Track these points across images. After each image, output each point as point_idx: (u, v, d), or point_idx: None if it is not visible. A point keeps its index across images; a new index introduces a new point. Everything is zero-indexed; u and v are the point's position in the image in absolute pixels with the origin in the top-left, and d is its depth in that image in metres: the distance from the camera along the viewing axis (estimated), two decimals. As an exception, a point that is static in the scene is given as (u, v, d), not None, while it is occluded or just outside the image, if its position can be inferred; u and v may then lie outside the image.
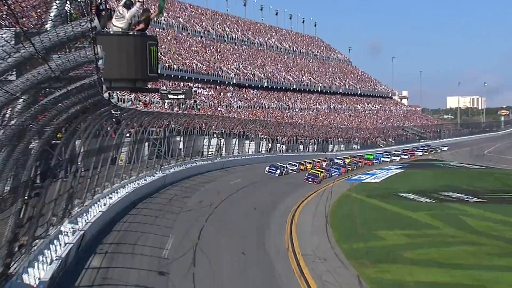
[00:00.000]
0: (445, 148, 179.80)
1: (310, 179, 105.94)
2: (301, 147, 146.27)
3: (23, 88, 16.74)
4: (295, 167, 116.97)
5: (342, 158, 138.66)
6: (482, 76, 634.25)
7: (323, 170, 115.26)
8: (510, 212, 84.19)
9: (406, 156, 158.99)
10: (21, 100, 18.87)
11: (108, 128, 51.97)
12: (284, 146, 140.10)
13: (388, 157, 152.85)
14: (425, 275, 51.48)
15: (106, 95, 26.49)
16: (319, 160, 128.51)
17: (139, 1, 14.26)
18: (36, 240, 32.52)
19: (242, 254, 51.68)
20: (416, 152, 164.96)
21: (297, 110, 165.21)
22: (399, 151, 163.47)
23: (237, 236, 57.88)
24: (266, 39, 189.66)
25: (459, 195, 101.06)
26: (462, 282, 50.01)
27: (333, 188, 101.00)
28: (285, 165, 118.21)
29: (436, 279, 50.45)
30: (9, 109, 19.43)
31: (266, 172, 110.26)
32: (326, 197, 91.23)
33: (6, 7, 12.40)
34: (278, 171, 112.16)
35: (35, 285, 27.92)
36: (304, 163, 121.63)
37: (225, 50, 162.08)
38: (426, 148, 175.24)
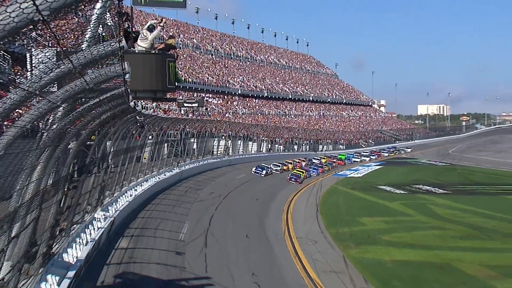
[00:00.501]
0: (409, 150, 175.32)
1: (293, 179, 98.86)
2: (295, 147, 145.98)
3: (63, 98, 16.86)
4: (278, 168, 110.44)
5: (319, 158, 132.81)
6: (447, 87, 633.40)
7: (304, 171, 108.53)
8: (470, 202, 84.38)
9: (374, 157, 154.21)
10: (61, 108, 19.00)
11: (134, 132, 52.06)
12: (281, 147, 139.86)
13: (358, 158, 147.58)
14: (400, 255, 51.72)
15: (131, 103, 26.64)
16: (299, 160, 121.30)
17: (160, 25, 14.42)
18: (74, 225, 32.67)
19: (246, 237, 51.87)
20: (382, 153, 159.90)
21: (292, 116, 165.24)
22: (367, 152, 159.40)
23: (241, 222, 58.09)
24: (266, 56, 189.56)
25: (428, 187, 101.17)
26: (430, 261, 50.21)
27: (322, 182, 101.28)
28: (269, 166, 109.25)
29: (409, 258, 50.71)
30: (52, 115, 19.59)
31: (252, 172, 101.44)
32: (317, 189, 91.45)
33: (49, 30, 12.52)
34: (264, 171, 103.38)
35: (73, 263, 28.05)
36: (286, 164, 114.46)
37: (232, 66, 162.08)
38: (391, 150, 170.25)
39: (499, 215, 74.42)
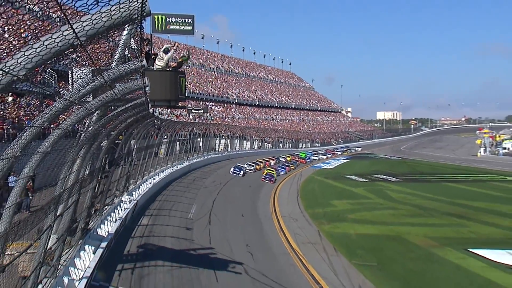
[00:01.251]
0: (359, 149, 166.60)
1: (267, 179, 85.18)
2: (281, 145, 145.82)
3: (96, 106, 16.87)
4: (252, 167, 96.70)
5: (285, 156, 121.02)
6: (399, 97, 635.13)
7: (275, 170, 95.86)
8: (416, 188, 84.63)
9: (330, 155, 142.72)
10: (95, 114, 19.04)
11: (152, 133, 52.07)
12: (270, 145, 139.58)
13: (317, 156, 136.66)
14: (362, 229, 51.87)
15: (151, 110, 26.64)
16: (268, 159, 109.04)
17: (173, 49, 14.42)
18: (105, 206, 32.69)
19: (242, 216, 51.92)
20: (336, 152, 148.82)
21: (278, 120, 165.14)
22: (323, 151, 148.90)
23: (238, 205, 58.16)
24: (257, 73, 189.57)
25: (384, 176, 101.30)
26: (386, 234, 50.38)
27: (302, 173, 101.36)
28: (245, 166, 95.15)
29: (369, 232, 50.89)
30: (88, 119, 19.63)
31: (230, 173, 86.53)
32: (297, 179, 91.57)
33: (85, 52, 12.52)
34: (242, 171, 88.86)
35: (105, 236, 28.07)
36: (258, 163, 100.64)
37: (230, 81, 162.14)
38: (344, 149, 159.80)
39: (439, 197, 74.67)
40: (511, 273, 39.76)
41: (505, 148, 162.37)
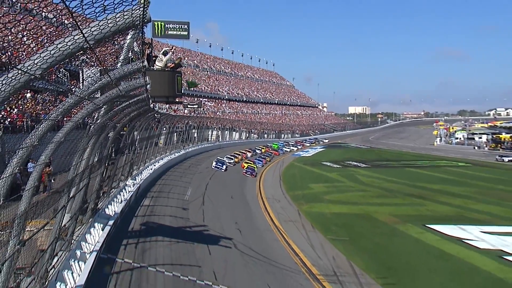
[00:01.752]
0: (326, 140, 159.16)
1: (248, 173, 75.18)
2: (265, 136, 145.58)
3: (104, 101, 16.80)
4: (232, 161, 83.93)
5: (260, 148, 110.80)
6: (368, 94, 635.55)
7: (252, 161, 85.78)
8: (383, 172, 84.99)
9: (300, 147, 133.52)
10: (103, 108, 18.98)
11: (153, 125, 51.87)
12: (256, 135, 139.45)
13: (288, 148, 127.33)
14: (336, 209, 52.10)
15: (151, 105, 26.57)
16: (245, 151, 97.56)
17: (171, 51, 14.38)
18: (112, 189, 32.61)
19: (231, 198, 51.97)
20: (305, 143, 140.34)
21: (263, 114, 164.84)
22: (292, 142, 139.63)
23: (228, 188, 58.22)
24: (245, 72, 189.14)
25: (355, 163, 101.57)
26: (356, 212, 50.65)
27: (283, 160, 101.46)
28: (225, 159, 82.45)
29: (342, 211, 51.11)
30: (96, 113, 19.57)
31: (213, 167, 73.31)
32: (280, 165, 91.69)
33: (94, 54, 12.47)
34: (224, 166, 75.98)
35: (112, 215, 28.02)
36: (237, 156, 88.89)
37: (221, 79, 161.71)
38: (313, 140, 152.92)
39: (402, 181, 75.06)
40: (461, 245, 40.15)
41: (457, 138, 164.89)
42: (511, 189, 69.45)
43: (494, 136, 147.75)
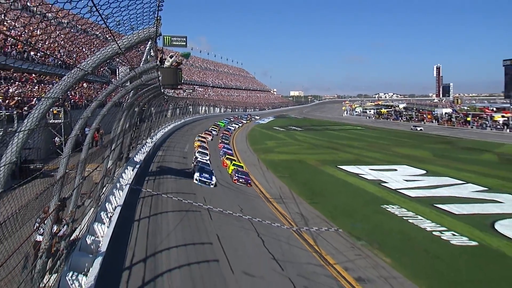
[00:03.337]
0: (258, 117, 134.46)
1: (242, 180, 35.65)
2: (236, 110, 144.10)
3: (131, 88, 16.77)
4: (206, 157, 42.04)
5: (214, 128, 76.05)
6: (303, 82, 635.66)
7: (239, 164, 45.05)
8: (311, 133, 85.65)
9: (240, 124, 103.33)
10: (131, 92, 18.89)
11: (164, 103, 51.13)
12: (230, 110, 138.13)
13: (232, 126, 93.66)
14: (282, 157, 52.53)
15: (162, 90, 26.42)
16: (205, 135, 61.11)
17: (174, 56, 14.36)
18: (138, 145, 32.47)
19: (215, 150, 51.94)
20: (242, 120, 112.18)
21: (235, 96, 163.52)
22: (233, 120, 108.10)
23: (213, 144, 58.06)
24: (223, 69, 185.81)
25: (294, 127, 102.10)
26: (295, 159, 51.10)
27: (248, 126, 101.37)
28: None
29: (285, 158, 51.52)
30: (127, 96, 19.46)
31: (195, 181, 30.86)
32: (245, 128, 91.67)
33: (124, 57, 12.48)
34: (213, 179, 31.56)
35: (138, 161, 27.96)
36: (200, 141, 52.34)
37: (207, 74, 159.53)
38: (247, 117, 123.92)
39: (323, 139, 75.84)
40: (357, 177, 41.16)
41: (356, 112, 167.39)
42: (388, 143, 71.24)
43: (377, 110, 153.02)
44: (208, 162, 37.88)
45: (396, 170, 46.03)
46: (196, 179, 30.66)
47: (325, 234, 23.79)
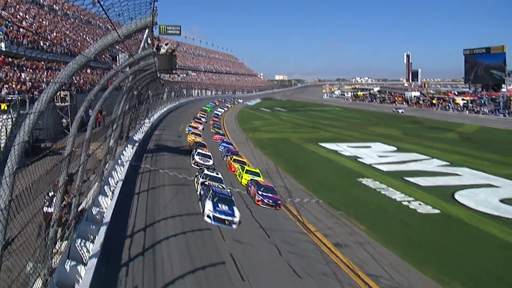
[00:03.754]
0: (241, 101, 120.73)
1: (268, 201, 21.86)
2: (226, 93, 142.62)
3: (130, 73, 16.62)
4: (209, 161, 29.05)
5: (202, 115, 66.71)
6: (287, 67, 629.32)
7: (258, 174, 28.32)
8: (295, 114, 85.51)
9: (226, 108, 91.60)
10: (130, 77, 18.69)
11: (160, 87, 50.43)
12: (220, 92, 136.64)
13: (218, 112, 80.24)
14: (268, 135, 52.45)
15: (158, 75, 26.11)
16: (195, 124, 48.73)
17: (169, 43, 14.19)
18: (137, 125, 32.22)
19: (208, 138, 51.68)
20: (227, 104, 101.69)
21: (225, 80, 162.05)
22: (218, 104, 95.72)
23: (206, 133, 57.71)
24: (214, 55, 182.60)
25: (279, 108, 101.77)
26: (280, 137, 51.14)
27: (237, 107, 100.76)
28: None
29: (271, 137, 51.45)
30: (127, 80, 19.24)
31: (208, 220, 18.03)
32: (235, 110, 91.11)
33: (124, 44, 12.35)
34: (237, 216, 18.60)
35: (137, 140, 27.80)
36: (196, 129, 44.34)
37: (200, 59, 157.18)
38: (232, 101, 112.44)
39: (306, 119, 76.02)
40: (337, 154, 41.55)
41: (335, 94, 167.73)
42: (364, 122, 71.80)
43: (354, 93, 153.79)
44: (220, 176, 22.91)
45: (370, 147, 46.56)
46: (208, 216, 17.16)
47: (307, 205, 24.17)
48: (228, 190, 20.54)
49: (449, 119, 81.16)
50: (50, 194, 9.55)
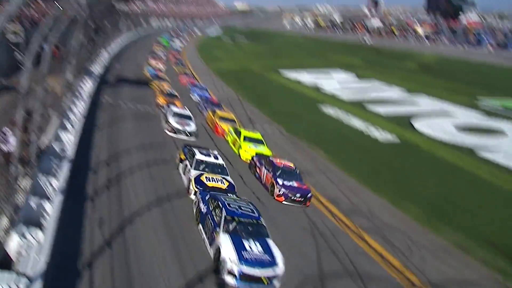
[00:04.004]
0: (198, 31, 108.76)
1: (296, 197, 14.37)
2: (185, 22, 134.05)
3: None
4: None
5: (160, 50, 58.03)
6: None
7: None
8: (257, 43, 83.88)
9: (180, 39, 79.67)
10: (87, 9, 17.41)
11: (117, 18, 46.98)
12: (180, 23, 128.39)
13: (176, 44, 69.89)
14: (228, 66, 51.40)
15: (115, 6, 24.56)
16: (158, 58, 45.07)
17: None
18: (96, 58, 30.59)
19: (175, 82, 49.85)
20: (184, 35, 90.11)
21: (184, 9, 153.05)
22: (174, 36, 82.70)
23: (163, 55, 55.28)
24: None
25: (241, 38, 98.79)
26: (240, 68, 50.30)
27: (198, 37, 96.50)
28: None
29: (232, 67, 50.38)
30: (83, 12, 17.87)
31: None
32: (195, 40, 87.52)
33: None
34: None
35: (96, 73, 26.48)
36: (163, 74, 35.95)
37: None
38: (189, 31, 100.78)
39: (267, 48, 74.92)
40: (296, 82, 42.11)
41: (297, 24, 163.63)
42: (325, 51, 71.90)
43: (316, 22, 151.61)
44: (220, 161, 15.39)
45: (331, 75, 47.03)
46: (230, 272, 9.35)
47: (268, 131, 24.48)
48: (250, 204, 11.52)
49: (409, 48, 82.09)
50: (5, 131, 9.34)
